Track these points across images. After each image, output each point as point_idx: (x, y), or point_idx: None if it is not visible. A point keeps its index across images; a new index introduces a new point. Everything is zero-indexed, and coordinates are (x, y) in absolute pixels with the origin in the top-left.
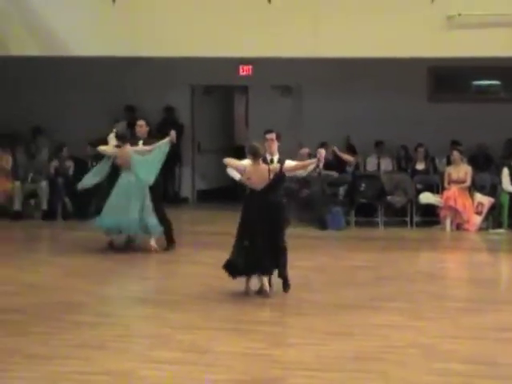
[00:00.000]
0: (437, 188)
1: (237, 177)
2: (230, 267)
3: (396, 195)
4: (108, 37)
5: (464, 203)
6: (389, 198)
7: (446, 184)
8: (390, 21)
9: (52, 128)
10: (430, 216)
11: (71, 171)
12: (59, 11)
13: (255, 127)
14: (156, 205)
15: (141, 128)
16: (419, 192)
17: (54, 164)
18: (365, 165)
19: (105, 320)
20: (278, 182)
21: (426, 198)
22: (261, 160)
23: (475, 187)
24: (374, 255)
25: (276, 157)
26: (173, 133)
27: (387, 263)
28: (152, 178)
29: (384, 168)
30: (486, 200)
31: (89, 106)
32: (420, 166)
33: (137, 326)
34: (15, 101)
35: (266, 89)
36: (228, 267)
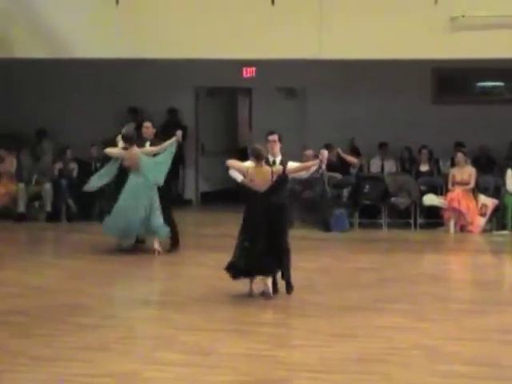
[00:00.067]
0: (441, 190)
1: (239, 178)
2: (232, 268)
3: (400, 197)
4: (112, 39)
5: (468, 205)
6: (392, 200)
7: (450, 186)
8: (394, 22)
9: (56, 130)
10: (434, 218)
11: (75, 173)
12: (63, 13)
13: (259, 129)
14: (163, 206)
15: (147, 129)
16: (423, 194)
17: (58, 166)
18: (369, 166)
19: (108, 322)
20: (281, 184)
21: (430, 200)
22: (263, 162)
23: (479, 189)
24: (378, 257)
25: (278, 158)
26: (179, 133)
27: (391, 265)
28: (162, 179)
29: (388, 170)
30: (490, 202)
31: (92, 108)
32: (424, 168)
33: (140, 328)
34: (19, 103)
35: (270, 91)
36: (229, 269)
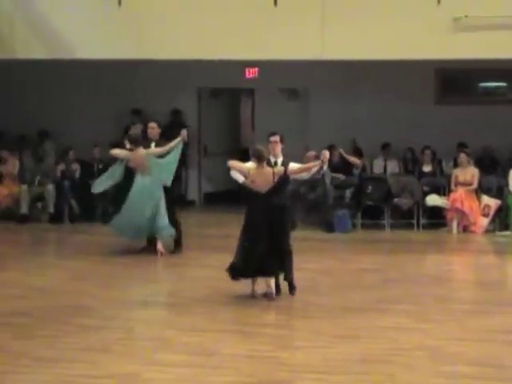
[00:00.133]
0: (443, 190)
1: (240, 179)
2: (232, 269)
3: (403, 197)
4: (114, 39)
5: (471, 205)
6: (395, 201)
7: (453, 186)
8: (397, 23)
9: (58, 131)
10: (437, 218)
11: (77, 174)
12: (65, 14)
13: (261, 130)
14: (168, 207)
15: (153, 130)
16: (426, 194)
17: (61, 167)
18: (371, 167)
19: (111, 323)
20: (283, 185)
21: (433, 201)
22: (265, 163)
23: (482, 189)
24: (381, 258)
25: (280, 159)
26: (184, 132)
27: (394, 266)
28: (170, 179)
29: (391, 170)
30: (493, 202)
31: (94, 109)
32: (427, 169)
33: (143, 329)
34: (21, 104)
35: (273, 92)
36: (230, 270)
